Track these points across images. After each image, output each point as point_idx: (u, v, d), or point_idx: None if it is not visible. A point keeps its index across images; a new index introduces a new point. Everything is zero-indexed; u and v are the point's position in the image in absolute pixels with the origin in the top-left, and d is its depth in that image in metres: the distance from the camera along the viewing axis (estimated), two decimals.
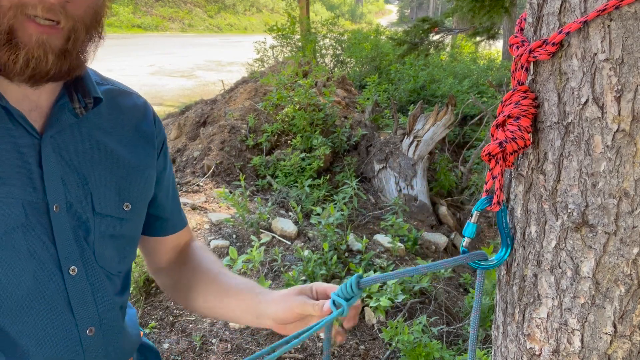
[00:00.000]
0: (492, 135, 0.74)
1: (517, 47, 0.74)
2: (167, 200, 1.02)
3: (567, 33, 0.66)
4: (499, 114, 0.74)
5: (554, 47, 0.68)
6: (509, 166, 0.74)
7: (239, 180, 4.09)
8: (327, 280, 3.03)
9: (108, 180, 0.86)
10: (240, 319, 0.95)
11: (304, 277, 2.95)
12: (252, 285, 0.97)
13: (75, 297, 0.81)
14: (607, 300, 0.71)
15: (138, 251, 1.03)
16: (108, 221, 0.86)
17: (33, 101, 0.79)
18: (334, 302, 0.79)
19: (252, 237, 3.39)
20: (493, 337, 0.95)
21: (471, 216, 0.78)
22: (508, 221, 0.80)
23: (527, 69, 0.74)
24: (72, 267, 0.80)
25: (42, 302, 0.78)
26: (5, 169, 0.74)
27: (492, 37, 8.80)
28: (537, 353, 0.81)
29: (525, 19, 0.78)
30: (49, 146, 0.79)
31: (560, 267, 0.74)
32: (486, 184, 0.74)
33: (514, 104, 0.73)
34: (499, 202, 0.75)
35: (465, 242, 0.79)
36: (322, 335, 0.81)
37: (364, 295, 2.79)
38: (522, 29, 0.78)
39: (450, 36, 10.20)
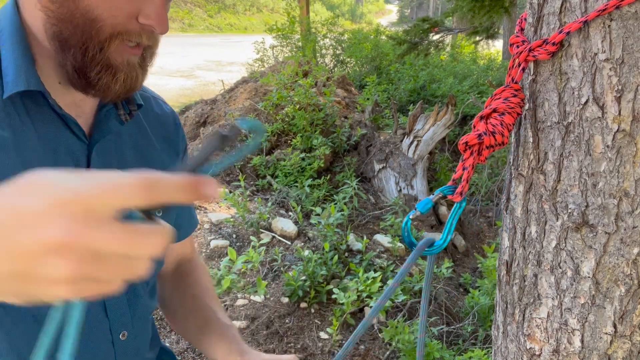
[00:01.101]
0: (474, 127, 0.73)
1: (517, 46, 0.74)
2: (184, 206, 1.02)
3: (568, 33, 0.66)
4: (486, 107, 0.73)
5: (554, 47, 0.68)
6: (482, 161, 0.72)
7: (239, 180, 4.09)
8: (327, 280, 3.03)
9: None
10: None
11: (304, 277, 2.95)
12: (236, 335, 0.96)
13: (111, 303, 0.83)
14: (607, 300, 0.71)
15: None
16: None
17: (80, 107, 0.81)
18: None
19: (251, 237, 3.38)
20: (493, 337, 0.95)
21: (433, 194, 0.75)
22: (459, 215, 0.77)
23: (524, 69, 0.74)
24: (123, 332, 0.82)
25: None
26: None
27: (492, 36, 8.79)
28: (537, 353, 0.80)
29: (525, 19, 0.78)
30: (95, 150, 0.82)
31: (560, 267, 0.74)
32: (455, 172, 0.72)
33: (502, 99, 0.73)
34: (461, 193, 0.73)
35: (413, 214, 0.75)
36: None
37: (365, 295, 2.79)
38: (522, 29, 0.78)
39: (450, 36, 10.20)
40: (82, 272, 0.33)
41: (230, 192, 4.04)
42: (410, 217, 0.75)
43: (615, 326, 0.71)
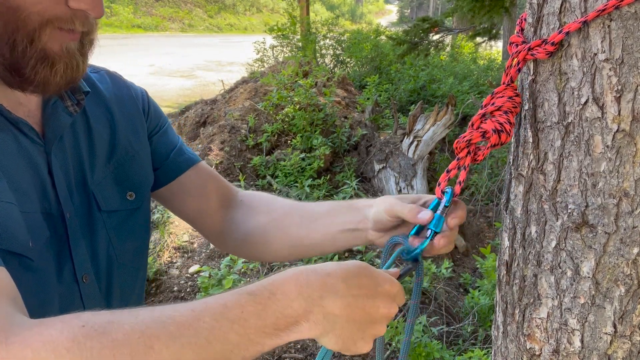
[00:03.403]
0: (472, 125, 0.70)
1: (517, 46, 0.74)
2: (175, 140, 0.98)
3: (567, 33, 0.66)
4: (487, 104, 0.71)
5: (553, 47, 0.68)
6: (477, 161, 0.70)
7: (239, 180, 4.09)
8: None
9: (106, 173, 0.83)
10: (330, 245, 0.87)
11: None
12: (340, 202, 0.91)
13: (89, 304, 0.79)
14: (607, 300, 0.71)
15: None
16: (117, 216, 0.84)
17: (26, 106, 0.75)
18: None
19: None
20: (493, 337, 0.95)
21: (441, 204, 0.74)
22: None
23: (520, 69, 0.74)
24: (85, 275, 0.79)
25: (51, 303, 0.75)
26: (25, 182, 0.70)
27: (493, 37, 8.79)
28: (537, 353, 0.81)
29: (525, 19, 0.78)
30: (53, 153, 0.76)
31: (560, 267, 0.74)
32: (448, 172, 0.70)
33: (507, 97, 0.71)
34: (457, 196, 0.74)
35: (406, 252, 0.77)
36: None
37: None
38: (522, 29, 0.78)
39: (450, 36, 10.20)
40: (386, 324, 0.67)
41: None
42: (411, 250, 0.77)
43: (615, 326, 0.71)
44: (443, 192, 0.74)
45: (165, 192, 0.96)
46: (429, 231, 0.75)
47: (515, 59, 0.73)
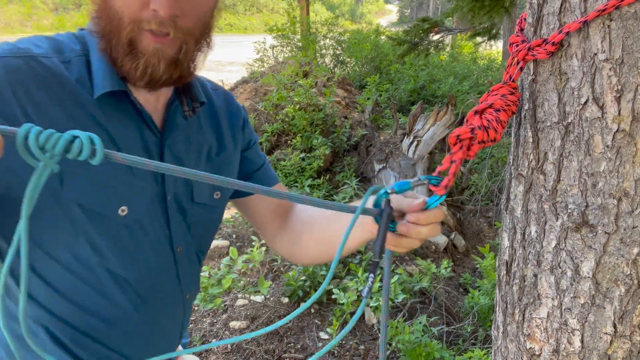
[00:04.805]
0: (467, 121, 0.71)
1: (517, 45, 0.74)
2: (257, 162, 1.12)
3: (567, 33, 0.66)
4: (482, 101, 0.72)
5: (553, 47, 0.68)
6: (470, 156, 0.69)
7: None
8: None
9: (204, 171, 0.91)
10: (352, 241, 0.93)
11: (304, 277, 2.95)
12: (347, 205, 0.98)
13: (182, 271, 0.98)
14: (607, 300, 0.71)
15: None
16: (201, 208, 0.99)
17: (153, 104, 0.90)
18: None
19: (252, 236, 3.38)
20: (493, 337, 0.95)
21: (417, 179, 0.71)
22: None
23: (522, 68, 0.74)
24: (179, 247, 0.96)
25: (159, 273, 0.94)
26: None
27: (493, 37, 8.79)
28: (537, 353, 0.81)
29: (525, 19, 0.78)
30: (167, 144, 0.91)
31: (560, 267, 0.74)
32: (441, 165, 0.69)
33: (500, 95, 0.72)
34: (446, 187, 0.70)
35: (390, 188, 0.71)
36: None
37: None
38: (522, 29, 0.78)
39: (450, 36, 10.20)
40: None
41: None
42: (388, 191, 0.71)
43: (615, 326, 0.71)
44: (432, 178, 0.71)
45: (242, 201, 1.13)
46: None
47: (516, 58, 0.73)
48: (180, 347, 1.12)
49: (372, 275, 0.72)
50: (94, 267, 0.85)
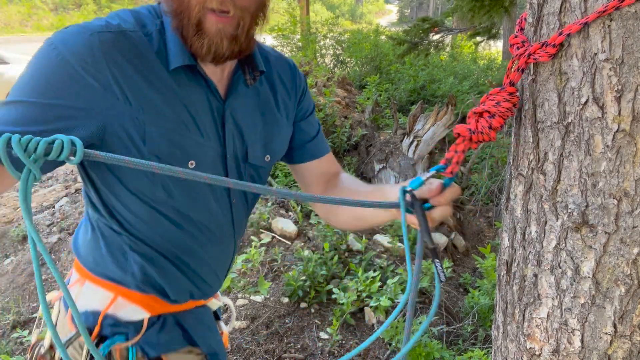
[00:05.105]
0: (469, 117, 0.79)
1: (518, 48, 0.74)
2: (311, 132, 1.24)
3: (568, 35, 0.66)
4: (481, 104, 0.78)
5: (554, 49, 0.68)
6: (474, 147, 0.80)
7: None
8: (327, 280, 3.03)
9: (258, 137, 1.11)
10: (375, 217, 1.11)
11: (304, 277, 2.95)
12: (377, 186, 1.17)
13: (236, 218, 1.14)
14: (607, 300, 0.71)
15: None
16: (254, 168, 1.13)
17: (218, 74, 1.02)
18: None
19: (252, 237, 3.39)
20: (493, 337, 0.95)
21: (427, 172, 0.87)
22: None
23: (523, 70, 0.74)
24: (234, 199, 1.11)
25: (219, 218, 1.10)
26: (206, 125, 1.00)
27: (493, 37, 8.79)
28: (537, 353, 0.81)
29: (525, 19, 0.78)
30: (229, 110, 1.03)
31: (560, 267, 0.74)
32: (448, 152, 0.81)
33: (495, 102, 0.76)
34: (452, 172, 0.84)
35: (407, 192, 0.89)
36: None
37: (364, 295, 2.80)
38: (522, 29, 0.78)
39: (450, 36, 10.19)
40: None
41: None
42: (407, 190, 0.88)
43: (615, 326, 0.71)
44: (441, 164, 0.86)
45: (293, 166, 1.27)
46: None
47: (516, 63, 0.73)
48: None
49: (437, 260, 0.89)
50: (167, 206, 1.01)
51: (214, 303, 1.25)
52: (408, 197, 0.89)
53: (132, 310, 1.06)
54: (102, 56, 0.87)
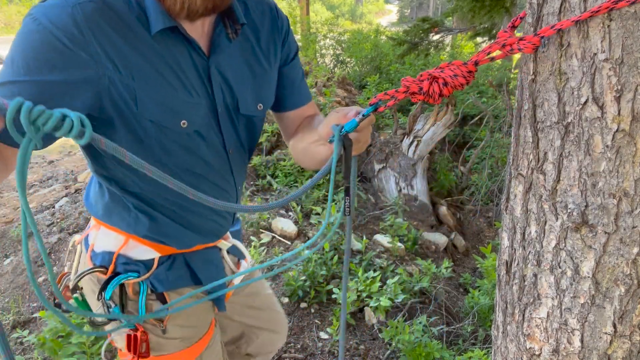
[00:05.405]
0: (422, 76, 0.82)
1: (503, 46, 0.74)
2: (296, 79, 1.26)
3: (559, 30, 0.66)
4: (440, 69, 0.80)
5: (536, 38, 0.69)
6: (414, 100, 0.84)
7: None
8: (327, 280, 3.03)
9: (248, 88, 1.13)
10: (319, 154, 1.12)
11: (303, 277, 2.95)
12: (316, 126, 1.19)
13: (234, 167, 1.19)
14: (607, 300, 0.71)
15: None
16: (247, 118, 1.17)
17: (199, 31, 1.03)
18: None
19: (252, 237, 3.39)
20: (493, 337, 0.95)
21: (362, 115, 0.92)
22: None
23: (492, 59, 0.75)
24: (231, 149, 1.15)
25: (217, 170, 1.15)
26: (193, 83, 1.02)
27: (493, 37, 8.78)
28: (537, 353, 0.81)
29: (521, 18, 0.78)
30: (213, 65, 1.05)
31: (560, 267, 0.74)
32: (385, 94, 0.86)
33: (453, 74, 0.79)
34: (378, 111, 0.89)
35: (340, 134, 0.93)
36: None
37: (364, 295, 2.80)
38: (514, 27, 0.78)
39: (450, 36, 10.19)
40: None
41: None
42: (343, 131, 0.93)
43: (615, 326, 0.71)
44: (371, 105, 0.91)
45: (278, 114, 1.30)
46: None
47: (491, 48, 0.74)
48: (228, 234, 1.36)
49: (347, 197, 0.98)
50: (167, 163, 1.06)
51: (224, 244, 1.32)
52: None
53: (143, 250, 1.15)
54: (87, 27, 0.87)
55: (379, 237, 3.60)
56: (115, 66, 0.92)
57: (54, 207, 4.10)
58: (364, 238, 3.38)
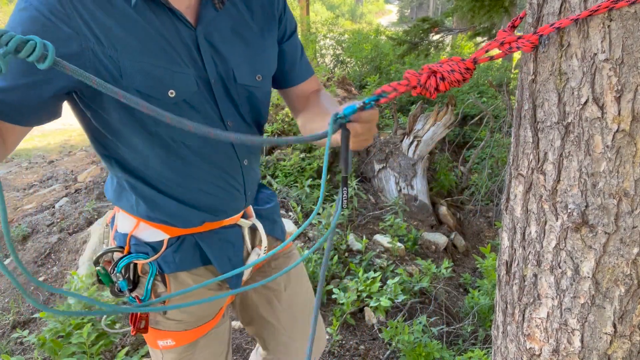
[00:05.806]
0: (423, 69, 0.81)
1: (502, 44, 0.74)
2: (296, 54, 1.27)
3: (558, 29, 0.66)
4: (439, 64, 0.81)
5: (535, 37, 0.68)
6: (413, 94, 0.84)
7: None
8: (327, 281, 3.03)
9: (243, 57, 1.13)
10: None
11: None
12: (327, 112, 1.19)
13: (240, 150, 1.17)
14: (607, 300, 0.71)
15: None
16: (246, 89, 1.15)
17: (185, 2, 1.03)
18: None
19: None
20: (493, 337, 0.95)
21: (363, 102, 0.92)
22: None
23: (491, 58, 0.75)
24: (229, 121, 1.14)
25: (215, 142, 1.12)
26: (180, 53, 1.02)
27: (493, 37, 8.77)
28: (537, 353, 0.81)
29: (521, 18, 0.78)
30: (201, 35, 1.05)
31: (560, 267, 0.74)
32: (388, 85, 0.86)
33: (451, 69, 0.79)
34: (380, 104, 0.90)
35: (340, 116, 0.92)
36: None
37: (364, 295, 2.80)
38: (514, 27, 0.78)
39: (450, 36, 10.19)
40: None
41: None
42: (340, 116, 0.92)
43: (615, 326, 0.71)
44: (374, 95, 0.91)
45: (282, 90, 1.31)
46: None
47: (491, 46, 0.74)
48: (250, 207, 1.33)
49: (345, 189, 0.96)
50: (159, 135, 1.06)
51: (244, 222, 1.30)
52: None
53: (153, 232, 1.18)
54: (69, 2, 0.91)
55: (379, 237, 3.60)
56: (97, 39, 0.94)
57: (54, 207, 4.10)
58: (364, 238, 3.38)
